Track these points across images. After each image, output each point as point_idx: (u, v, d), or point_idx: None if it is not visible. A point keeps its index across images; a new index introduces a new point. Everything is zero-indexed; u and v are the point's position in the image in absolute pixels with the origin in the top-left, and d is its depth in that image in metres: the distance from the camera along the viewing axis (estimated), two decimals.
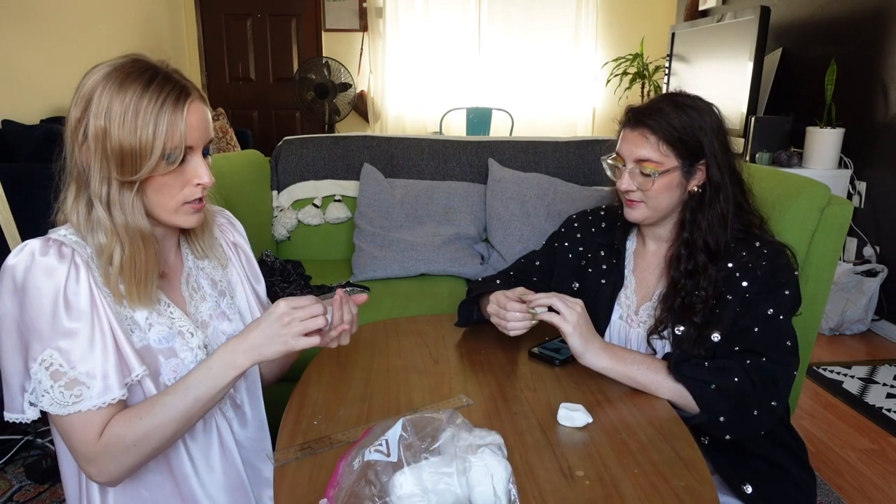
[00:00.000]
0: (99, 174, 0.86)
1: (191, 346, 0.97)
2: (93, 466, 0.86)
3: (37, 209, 2.29)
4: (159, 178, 0.88)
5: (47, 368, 0.82)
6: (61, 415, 0.83)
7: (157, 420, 0.87)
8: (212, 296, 1.06)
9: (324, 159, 2.39)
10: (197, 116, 0.90)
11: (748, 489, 1.10)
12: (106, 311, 0.88)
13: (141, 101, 0.85)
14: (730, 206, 1.17)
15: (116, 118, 0.84)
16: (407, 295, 1.96)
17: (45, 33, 3.43)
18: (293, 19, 5.41)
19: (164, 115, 0.85)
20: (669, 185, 1.16)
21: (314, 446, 0.91)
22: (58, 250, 0.85)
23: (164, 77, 0.88)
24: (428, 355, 1.23)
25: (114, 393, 0.86)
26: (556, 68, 5.42)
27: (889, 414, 2.29)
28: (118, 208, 0.88)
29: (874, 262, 3.10)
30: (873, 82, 3.10)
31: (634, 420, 1.00)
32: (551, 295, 1.13)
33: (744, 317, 1.10)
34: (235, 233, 1.17)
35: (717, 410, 1.04)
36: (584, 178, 2.35)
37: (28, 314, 0.83)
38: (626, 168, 1.19)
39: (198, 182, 0.92)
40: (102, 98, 0.85)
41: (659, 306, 1.20)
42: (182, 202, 0.92)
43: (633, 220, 1.22)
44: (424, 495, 0.72)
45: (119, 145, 0.84)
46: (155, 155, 0.85)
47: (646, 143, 1.15)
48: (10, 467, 1.86)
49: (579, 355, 1.11)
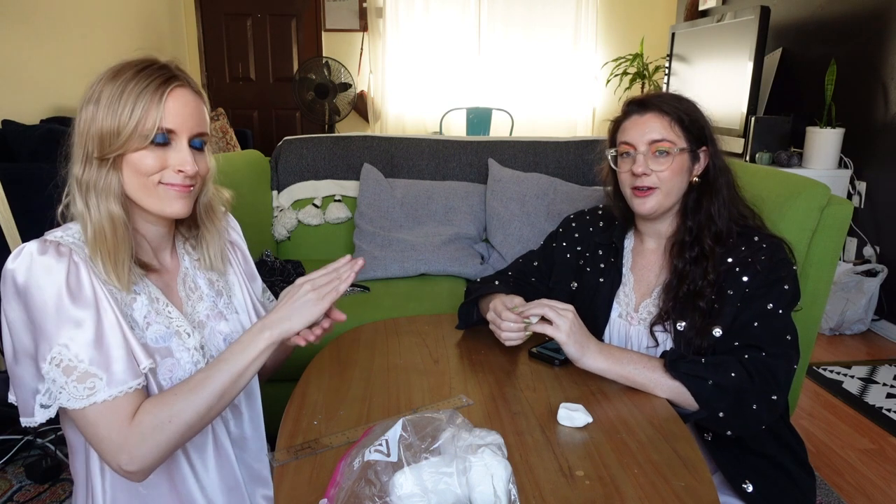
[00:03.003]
0: (81, 155, 0.89)
1: (187, 346, 0.97)
2: (123, 454, 0.83)
3: (37, 209, 2.30)
4: (135, 155, 0.89)
5: (58, 365, 0.82)
6: (78, 408, 0.83)
7: (192, 395, 0.87)
8: (209, 296, 1.06)
9: (324, 159, 2.39)
10: (180, 101, 0.91)
11: (749, 488, 1.10)
12: (111, 303, 0.88)
13: (128, 85, 0.88)
14: (731, 192, 1.21)
15: (104, 102, 0.88)
16: (407, 295, 1.96)
17: (45, 33, 3.43)
18: (293, 19, 5.41)
19: (144, 95, 0.88)
20: (682, 167, 1.19)
21: (314, 446, 0.91)
22: (55, 249, 0.86)
23: (158, 66, 0.90)
24: (428, 355, 1.23)
25: (129, 381, 0.85)
26: (556, 68, 5.42)
27: (889, 414, 2.29)
28: (93, 192, 0.89)
29: (874, 262, 3.10)
30: (873, 82, 3.10)
31: (634, 420, 1.00)
32: (542, 304, 1.13)
33: (744, 311, 1.11)
34: (232, 231, 1.17)
35: (716, 406, 1.04)
36: (584, 178, 2.35)
37: (33, 314, 0.83)
38: (637, 153, 1.19)
39: (179, 169, 0.92)
40: (97, 86, 0.89)
41: (662, 296, 1.21)
42: (158, 182, 0.92)
43: (644, 211, 1.21)
44: (424, 495, 0.72)
45: (100, 126, 0.88)
46: (127, 130, 0.87)
47: (659, 124, 1.18)
48: (10, 467, 1.86)
49: (576, 360, 1.11)
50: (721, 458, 1.13)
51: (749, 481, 1.10)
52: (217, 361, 0.90)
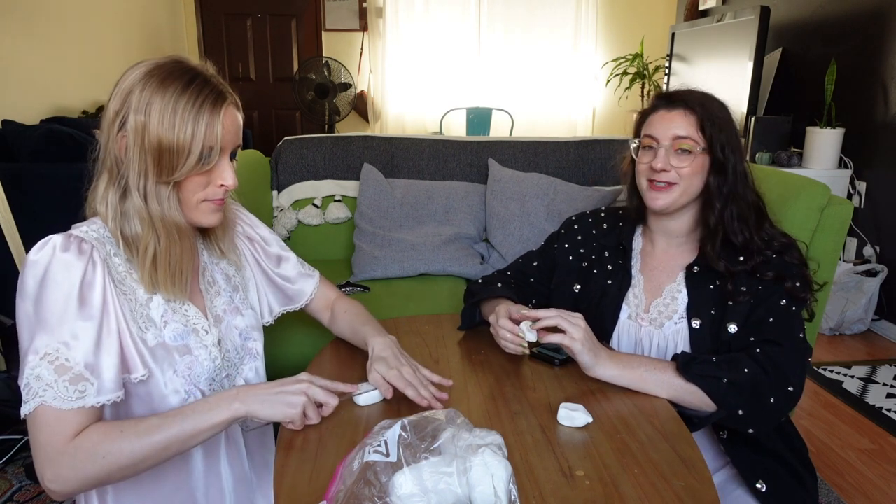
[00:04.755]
0: (137, 167, 0.89)
1: (205, 343, 0.98)
2: (50, 469, 0.82)
3: (36, 209, 2.31)
4: (190, 177, 0.91)
5: (51, 362, 0.82)
6: (64, 409, 0.83)
7: (137, 438, 0.83)
8: (226, 290, 1.08)
9: (324, 159, 2.39)
10: (231, 120, 0.93)
11: (763, 487, 1.10)
12: (116, 311, 0.88)
13: (180, 100, 0.87)
14: (756, 199, 1.21)
15: (156, 114, 0.87)
16: (407, 295, 1.96)
17: (45, 33, 3.43)
18: (293, 19, 5.41)
19: (202, 115, 0.88)
20: (702, 166, 1.18)
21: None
22: (78, 246, 0.87)
23: (203, 80, 0.91)
24: (428, 355, 1.23)
25: (114, 392, 0.86)
26: (555, 68, 5.42)
27: (889, 414, 2.29)
28: (154, 200, 0.90)
29: (874, 262, 3.10)
30: (873, 82, 3.10)
31: (634, 420, 1.00)
32: (553, 314, 1.11)
33: (758, 308, 1.12)
34: (246, 225, 1.18)
35: (734, 404, 1.05)
36: (584, 178, 2.35)
37: (41, 306, 0.84)
38: (659, 146, 1.19)
39: (222, 183, 0.94)
40: (143, 94, 0.88)
41: (688, 288, 1.20)
42: (203, 199, 0.94)
43: (659, 206, 1.20)
44: (424, 495, 0.72)
45: (158, 140, 0.87)
46: (194, 154, 0.88)
47: (685, 121, 1.17)
48: (10, 467, 1.86)
49: (589, 368, 1.10)
50: (736, 456, 1.13)
51: (763, 481, 1.11)
52: (178, 413, 0.87)
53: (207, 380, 0.98)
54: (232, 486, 1.04)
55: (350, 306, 1.27)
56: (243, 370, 1.07)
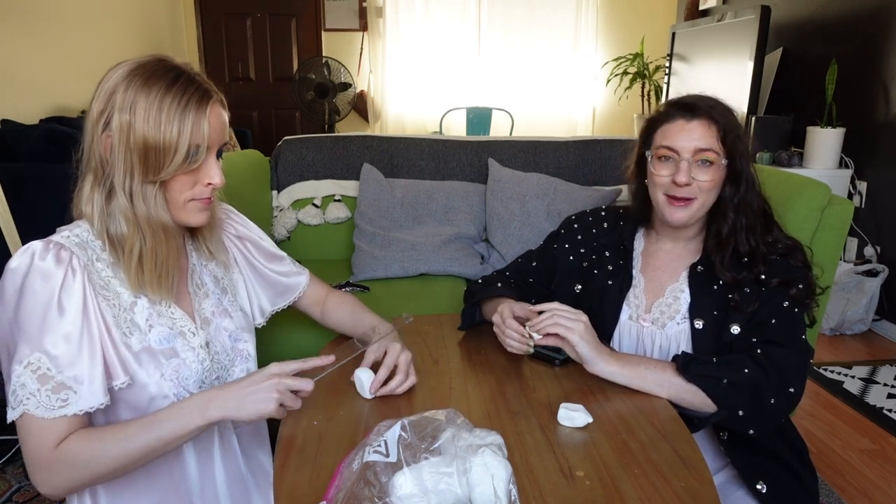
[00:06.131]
0: (122, 166, 0.88)
1: (192, 345, 0.97)
2: (38, 474, 0.84)
3: (36, 209, 2.30)
4: (177, 176, 0.90)
5: (34, 371, 0.82)
6: (46, 418, 0.83)
7: (116, 446, 0.84)
8: (214, 293, 1.07)
9: (324, 159, 2.39)
10: (217, 118, 0.92)
11: (763, 488, 1.09)
12: (98, 317, 0.88)
13: (165, 98, 0.86)
14: (763, 204, 1.20)
15: (141, 113, 0.86)
16: (407, 295, 1.95)
17: (45, 33, 3.42)
18: (293, 19, 5.41)
19: (188, 113, 0.87)
20: (722, 178, 1.17)
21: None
22: (56, 254, 0.86)
23: (187, 77, 0.89)
24: (428, 355, 1.23)
25: (99, 399, 0.86)
26: (555, 68, 5.41)
27: (890, 414, 2.28)
28: (140, 200, 0.89)
29: (875, 262, 3.09)
30: (874, 82, 3.09)
31: (634, 420, 1.00)
32: (552, 315, 1.11)
33: (762, 309, 1.12)
34: (237, 224, 1.17)
35: (734, 404, 1.04)
36: (584, 178, 2.35)
37: (20, 316, 0.83)
38: (681, 160, 1.15)
39: (209, 182, 0.93)
40: (128, 93, 0.86)
41: (691, 288, 1.20)
42: (190, 199, 0.93)
43: (679, 221, 1.18)
44: (424, 495, 0.72)
45: (143, 139, 0.86)
46: (180, 153, 0.87)
47: (707, 132, 1.15)
48: (10, 467, 1.86)
49: (589, 362, 1.09)
50: (737, 457, 1.13)
51: (763, 482, 1.10)
52: (154, 420, 0.86)
53: (196, 382, 0.97)
54: (227, 487, 1.03)
55: (345, 297, 1.29)
56: (234, 372, 1.06)
